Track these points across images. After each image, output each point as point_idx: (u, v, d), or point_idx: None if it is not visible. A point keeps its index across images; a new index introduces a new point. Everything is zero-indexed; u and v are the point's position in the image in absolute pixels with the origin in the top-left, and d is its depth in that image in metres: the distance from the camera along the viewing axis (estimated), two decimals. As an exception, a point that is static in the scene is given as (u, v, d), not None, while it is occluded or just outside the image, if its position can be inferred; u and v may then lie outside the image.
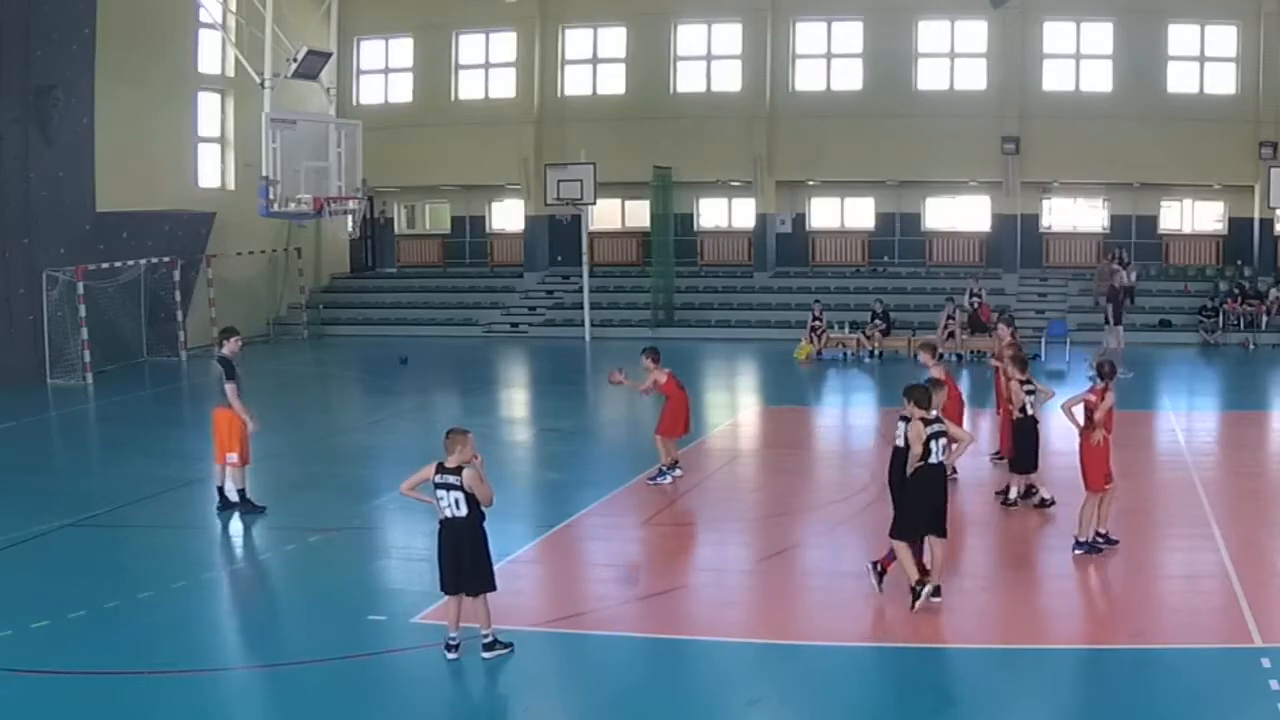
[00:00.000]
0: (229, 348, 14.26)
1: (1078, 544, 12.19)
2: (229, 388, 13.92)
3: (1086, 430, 12.10)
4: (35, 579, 11.98)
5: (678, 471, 15.49)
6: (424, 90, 36.20)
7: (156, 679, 9.36)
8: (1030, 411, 13.79)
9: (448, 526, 9.54)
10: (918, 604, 10.51)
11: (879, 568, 11.10)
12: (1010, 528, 13.65)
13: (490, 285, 36.56)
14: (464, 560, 9.51)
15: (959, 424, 14.09)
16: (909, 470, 10.59)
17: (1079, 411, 12.18)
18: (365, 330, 34.08)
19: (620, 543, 13.57)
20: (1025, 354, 14.83)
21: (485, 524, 9.58)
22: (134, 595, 11.28)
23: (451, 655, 9.57)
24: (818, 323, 28.95)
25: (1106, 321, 27.31)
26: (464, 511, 9.44)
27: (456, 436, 9.53)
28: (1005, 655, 9.90)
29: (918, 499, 10.59)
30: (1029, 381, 13.96)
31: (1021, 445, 13.87)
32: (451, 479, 9.44)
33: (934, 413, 10.68)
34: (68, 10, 24.19)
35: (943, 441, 10.61)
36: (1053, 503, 13.84)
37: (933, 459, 10.54)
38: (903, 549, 10.62)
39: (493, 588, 9.65)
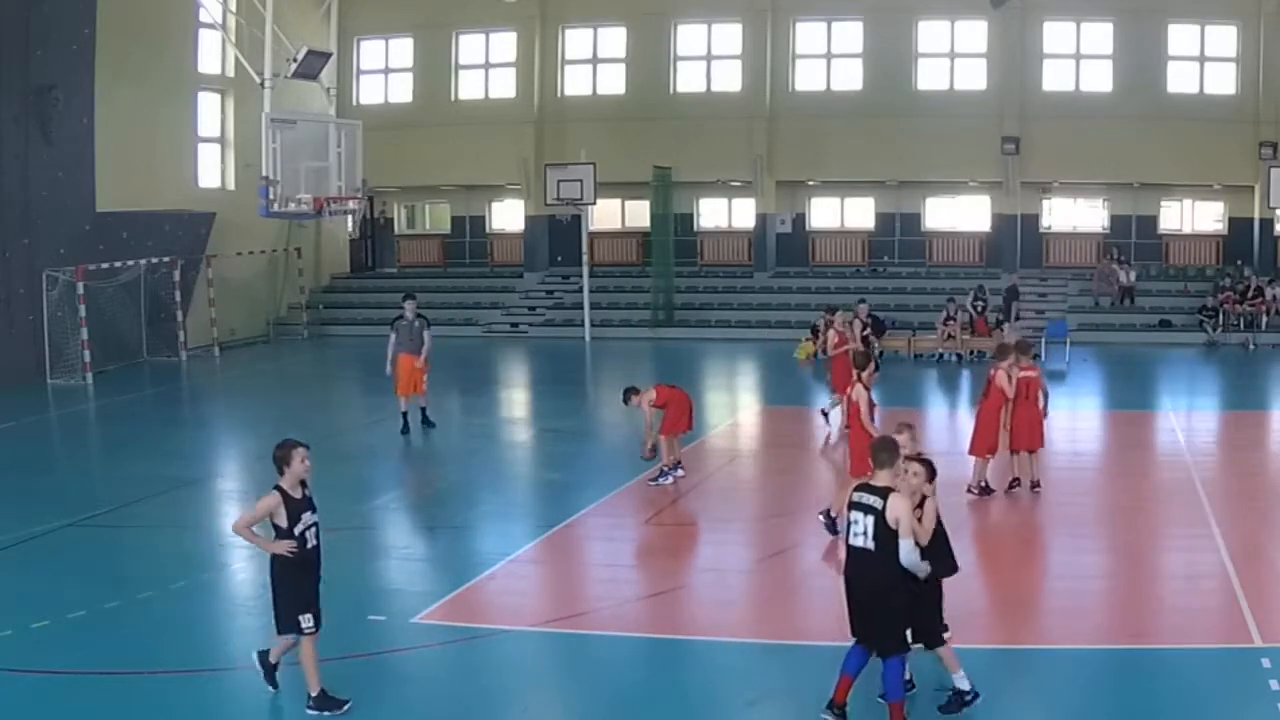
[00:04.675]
0: (410, 309, 19.34)
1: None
2: (427, 335, 19.12)
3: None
4: (35, 579, 11.98)
5: (679, 472, 15.49)
6: (424, 90, 36.20)
7: (157, 679, 9.35)
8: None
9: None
10: None
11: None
12: (1003, 526, 13.66)
13: (490, 285, 36.54)
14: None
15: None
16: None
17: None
18: (365, 330, 33.98)
19: (620, 543, 13.57)
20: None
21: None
22: (134, 595, 11.29)
23: None
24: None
25: None
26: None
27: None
28: (1004, 655, 9.88)
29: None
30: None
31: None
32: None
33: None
34: (68, 10, 24.18)
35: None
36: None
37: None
38: None
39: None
